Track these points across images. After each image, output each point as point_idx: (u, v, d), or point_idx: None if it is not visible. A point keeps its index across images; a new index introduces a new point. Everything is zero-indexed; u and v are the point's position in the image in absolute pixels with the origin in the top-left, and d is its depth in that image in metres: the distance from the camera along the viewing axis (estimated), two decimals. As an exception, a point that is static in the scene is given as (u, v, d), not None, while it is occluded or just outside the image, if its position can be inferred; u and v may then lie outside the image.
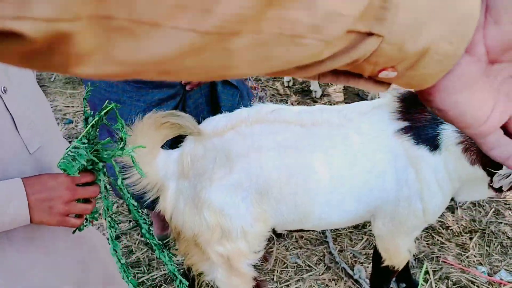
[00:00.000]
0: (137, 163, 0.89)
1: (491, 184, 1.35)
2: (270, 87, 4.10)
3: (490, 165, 1.32)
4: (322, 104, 3.78)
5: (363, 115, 1.48)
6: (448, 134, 1.34)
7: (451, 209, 2.58)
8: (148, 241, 1.06)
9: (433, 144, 1.37)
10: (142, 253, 2.40)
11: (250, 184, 1.39)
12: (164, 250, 1.09)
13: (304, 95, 3.93)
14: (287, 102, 3.83)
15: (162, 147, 1.44)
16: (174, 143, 1.55)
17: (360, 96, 3.83)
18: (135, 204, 1.00)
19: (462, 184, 1.46)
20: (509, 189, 1.35)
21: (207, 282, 1.60)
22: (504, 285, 2.12)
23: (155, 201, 1.46)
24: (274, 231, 1.60)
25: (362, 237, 2.44)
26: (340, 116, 1.48)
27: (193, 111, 1.88)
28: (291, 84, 4.06)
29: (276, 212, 1.46)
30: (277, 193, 1.42)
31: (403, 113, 1.41)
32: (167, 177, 1.40)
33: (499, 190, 1.37)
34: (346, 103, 3.77)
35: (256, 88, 4.05)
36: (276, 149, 1.41)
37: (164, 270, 2.29)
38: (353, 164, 1.43)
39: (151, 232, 1.03)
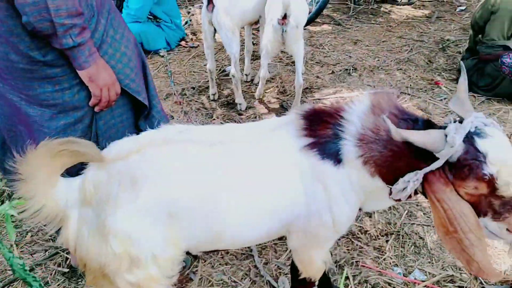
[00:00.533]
0: (10, 223, 0.82)
1: (390, 196, 1.42)
2: (196, 101, 4.07)
3: (386, 178, 1.40)
4: (248, 116, 3.82)
5: (271, 132, 1.50)
6: (348, 148, 1.40)
7: (369, 214, 2.69)
8: None
9: (336, 159, 1.42)
10: (58, 285, 2.26)
11: (159, 209, 1.36)
12: None
13: (230, 108, 3.95)
14: (212, 116, 3.83)
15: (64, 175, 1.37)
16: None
17: (284, 108, 3.92)
18: (21, 263, 0.93)
19: (366, 195, 1.52)
20: (407, 199, 1.43)
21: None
22: (418, 284, 2.25)
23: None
24: (189, 253, 1.57)
25: (287, 248, 2.48)
26: (248, 133, 1.50)
27: (105, 133, 1.81)
28: (216, 97, 4.06)
29: (188, 234, 1.44)
30: (188, 216, 1.40)
31: (308, 130, 1.45)
32: (68, 206, 1.33)
33: (399, 200, 1.45)
34: (271, 114, 3.84)
35: (181, 103, 4.02)
36: (185, 171, 1.40)
37: (81, 301, 2.17)
38: (263, 182, 1.45)
39: None
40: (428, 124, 1.36)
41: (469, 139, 1.22)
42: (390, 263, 2.37)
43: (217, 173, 1.42)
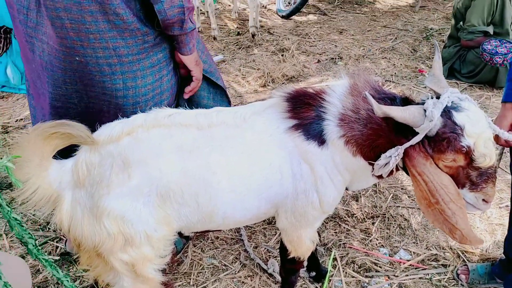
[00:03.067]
0: (13, 174, 0.85)
1: (372, 173, 1.48)
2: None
3: (367, 156, 1.45)
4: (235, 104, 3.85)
5: (257, 115, 1.54)
6: (330, 129, 1.45)
7: (355, 197, 2.76)
8: (38, 258, 1.02)
9: (320, 139, 1.47)
10: (49, 272, 2.27)
11: (151, 189, 1.40)
12: (56, 266, 1.06)
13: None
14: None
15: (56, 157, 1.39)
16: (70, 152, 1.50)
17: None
18: (18, 218, 0.96)
19: (351, 175, 1.57)
20: (388, 175, 1.48)
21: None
22: (403, 263, 2.32)
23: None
24: (181, 234, 1.61)
25: (276, 231, 2.53)
26: (235, 116, 1.53)
27: None
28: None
29: (180, 214, 1.48)
30: (179, 196, 1.44)
31: (292, 112, 1.49)
32: (61, 188, 1.36)
33: (381, 177, 1.51)
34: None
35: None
36: (175, 153, 1.43)
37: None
38: (251, 163, 1.49)
39: (38, 248, 0.99)
40: (405, 101, 1.41)
41: (446, 113, 1.28)
42: (377, 244, 2.44)
43: (206, 155, 1.46)
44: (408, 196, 2.77)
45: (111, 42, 1.47)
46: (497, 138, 1.60)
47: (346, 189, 1.69)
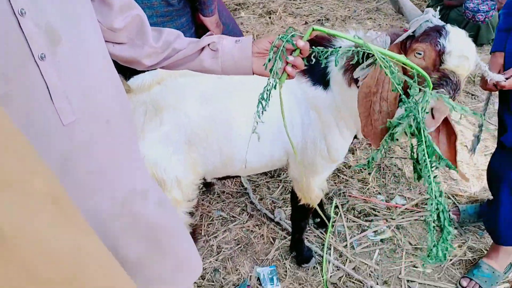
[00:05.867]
0: None
1: (354, 75, 1.39)
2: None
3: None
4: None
5: None
6: (332, 64, 1.47)
7: (352, 150, 2.90)
8: None
9: (324, 81, 1.51)
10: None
11: (179, 135, 1.47)
12: None
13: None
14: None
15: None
16: None
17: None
18: None
19: (351, 116, 1.56)
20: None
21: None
22: (399, 207, 2.49)
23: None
24: (204, 180, 1.70)
25: (279, 184, 2.66)
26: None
27: None
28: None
29: (204, 159, 1.57)
30: (204, 141, 1.52)
31: None
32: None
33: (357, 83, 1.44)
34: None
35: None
36: (199, 99, 1.50)
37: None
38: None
39: None
40: None
41: (443, 26, 1.28)
42: (374, 192, 2.60)
43: (225, 101, 1.53)
44: (401, 148, 2.93)
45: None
46: (484, 84, 1.69)
47: (356, 137, 1.78)
